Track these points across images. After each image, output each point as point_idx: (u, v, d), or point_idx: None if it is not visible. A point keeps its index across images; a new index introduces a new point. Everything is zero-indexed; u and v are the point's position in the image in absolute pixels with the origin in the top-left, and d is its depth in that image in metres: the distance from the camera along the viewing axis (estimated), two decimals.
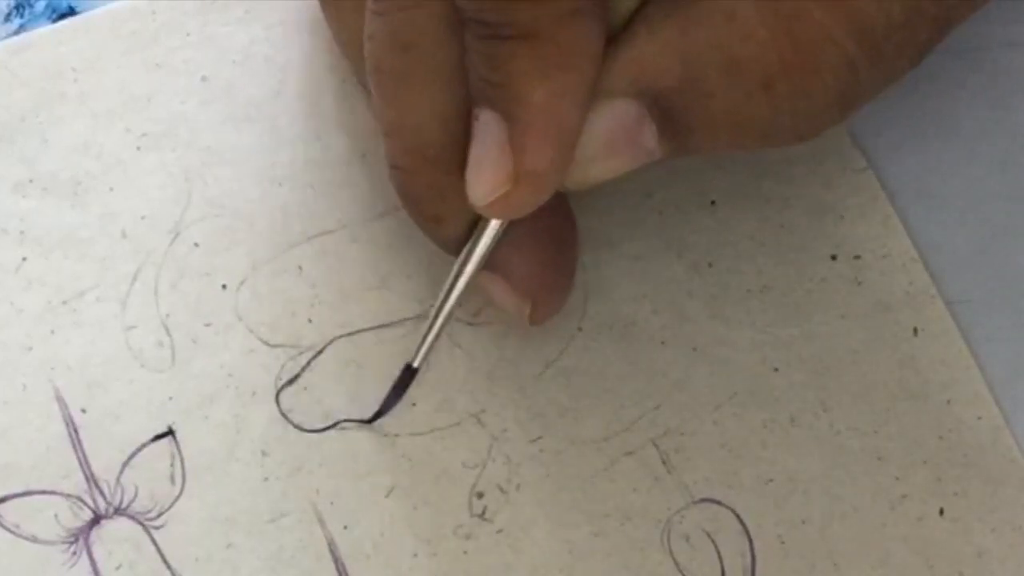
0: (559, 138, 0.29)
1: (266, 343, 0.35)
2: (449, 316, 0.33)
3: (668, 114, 0.30)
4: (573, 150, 0.30)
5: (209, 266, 0.35)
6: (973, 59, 0.38)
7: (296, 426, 0.34)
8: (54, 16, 0.38)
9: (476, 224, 0.32)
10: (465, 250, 0.32)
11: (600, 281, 0.35)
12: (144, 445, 0.34)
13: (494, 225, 0.31)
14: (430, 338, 0.33)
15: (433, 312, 0.33)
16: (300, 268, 0.35)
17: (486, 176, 0.29)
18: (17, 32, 0.38)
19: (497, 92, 0.29)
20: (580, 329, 0.35)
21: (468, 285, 0.32)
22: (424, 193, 0.32)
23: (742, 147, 0.32)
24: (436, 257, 0.35)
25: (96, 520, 0.33)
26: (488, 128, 0.29)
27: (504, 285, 0.33)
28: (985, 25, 0.38)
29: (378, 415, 0.34)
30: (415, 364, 0.33)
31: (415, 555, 0.33)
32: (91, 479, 0.34)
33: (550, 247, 0.33)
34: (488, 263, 0.32)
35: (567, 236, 0.34)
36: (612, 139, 0.30)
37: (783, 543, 0.33)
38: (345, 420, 0.34)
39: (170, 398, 0.34)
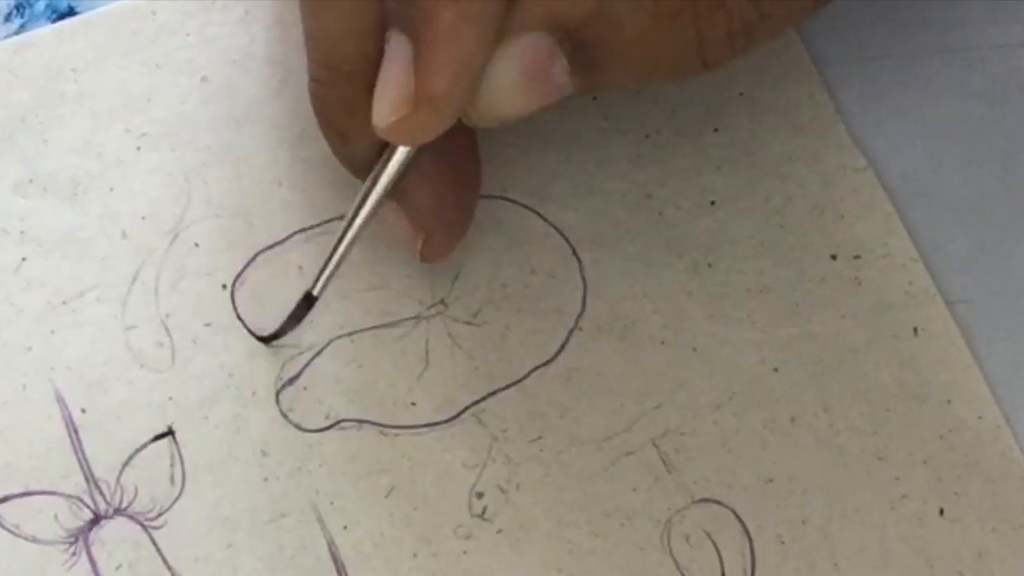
0: (461, 63, 0.29)
1: (266, 343, 0.35)
2: (352, 243, 0.33)
3: (579, 47, 0.30)
4: (476, 79, 0.30)
5: (209, 266, 0.35)
6: (973, 59, 0.38)
7: (296, 426, 0.34)
8: (54, 16, 0.38)
9: (384, 150, 0.32)
10: (371, 176, 0.32)
11: (600, 281, 0.35)
12: (144, 445, 0.34)
13: (400, 153, 0.32)
14: (331, 265, 0.33)
15: (337, 237, 0.33)
16: (300, 268, 0.35)
17: (388, 97, 0.30)
18: (17, 32, 0.38)
19: (406, 13, 0.29)
20: (580, 329, 0.35)
21: (372, 212, 0.32)
22: (335, 108, 0.32)
23: (652, 78, 0.32)
24: None
25: (96, 520, 0.33)
26: (396, 49, 0.30)
27: (399, 214, 0.33)
28: (984, 25, 0.38)
29: (273, 337, 0.34)
30: (315, 292, 0.33)
31: (415, 555, 0.33)
32: (91, 479, 0.34)
33: (451, 184, 0.33)
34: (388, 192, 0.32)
35: (470, 177, 0.34)
36: (523, 73, 0.30)
37: (783, 543, 0.33)
38: (345, 420, 0.34)
39: (170, 398, 0.34)
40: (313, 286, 0.33)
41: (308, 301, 0.33)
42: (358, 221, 0.32)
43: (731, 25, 0.30)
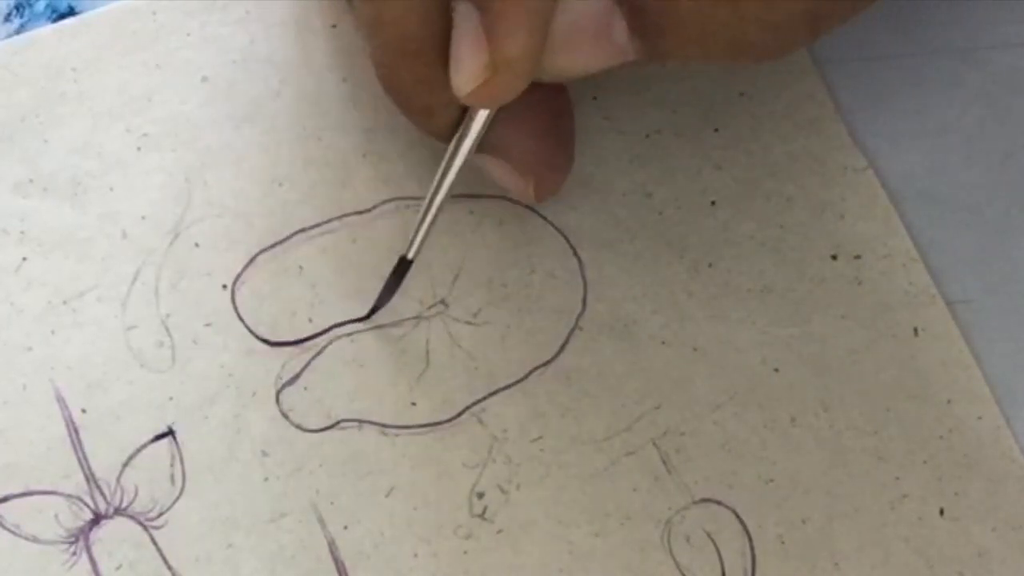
0: (531, 25, 0.29)
1: (266, 343, 0.35)
2: (442, 205, 0.33)
3: (638, 10, 0.30)
4: (546, 36, 0.30)
5: (209, 266, 0.35)
6: (973, 59, 0.38)
7: (296, 426, 0.34)
8: (54, 16, 0.38)
9: (465, 111, 0.32)
10: (456, 138, 0.32)
11: (600, 281, 0.35)
12: (144, 445, 0.34)
13: (483, 111, 0.32)
14: (424, 228, 0.33)
15: (427, 200, 0.33)
16: (300, 268, 0.35)
17: (466, 65, 0.30)
18: (17, 32, 0.38)
19: None
20: (580, 329, 0.35)
21: (460, 172, 0.32)
22: (411, 87, 0.32)
23: (711, 57, 0.31)
24: (437, 257, 0.36)
25: (96, 520, 0.33)
26: (465, 17, 0.30)
27: (504, 166, 0.33)
28: (985, 25, 0.38)
29: (374, 310, 0.34)
30: (409, 256, 0.34)
31: (415, 555, 0.33)
32: (91, 479, 0.34)
33: (545, 123, 0.33)
34: (486, 146, 0.33)
35: (562, 110, 0.34)
36: (580, 28, 0.30)
37: (783, 543, 0.33)
38: (345, 420, 0.34)
39: (170, 398, 0.34)
40: (407, 250, 0.33)
41: (402, 266, 0.34)
42: (446, 184, 0.33)
43: (793, 10, 0.29)
